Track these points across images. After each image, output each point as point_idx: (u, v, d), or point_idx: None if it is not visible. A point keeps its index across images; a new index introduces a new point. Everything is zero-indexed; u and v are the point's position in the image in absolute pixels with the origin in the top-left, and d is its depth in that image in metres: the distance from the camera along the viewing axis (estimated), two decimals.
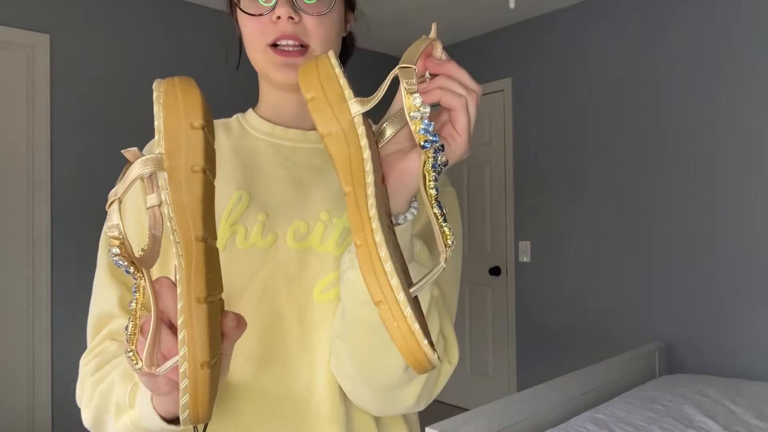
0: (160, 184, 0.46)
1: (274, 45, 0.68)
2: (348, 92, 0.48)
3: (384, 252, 0.42)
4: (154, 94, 0.47)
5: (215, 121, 0.76)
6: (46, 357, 2.67)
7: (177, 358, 0.44)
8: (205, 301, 0.43)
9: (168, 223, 0.45)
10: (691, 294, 2.76)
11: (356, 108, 0.47)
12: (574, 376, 2.30)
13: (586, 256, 3.17)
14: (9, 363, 2.61)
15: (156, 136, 0.46)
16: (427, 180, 0.47)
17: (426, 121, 0.46)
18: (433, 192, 0.47)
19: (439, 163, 0.47)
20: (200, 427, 0.57)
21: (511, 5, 1.67)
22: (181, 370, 0.42)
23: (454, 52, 3.89)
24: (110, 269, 0.70)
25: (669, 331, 2.84)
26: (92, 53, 2.84)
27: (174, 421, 0.55)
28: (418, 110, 0.46)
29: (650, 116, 2.92)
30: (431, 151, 0.47)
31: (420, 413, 0.78)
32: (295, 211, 0.69)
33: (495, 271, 3.62)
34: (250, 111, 0.79)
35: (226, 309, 0.49)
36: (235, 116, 0.80)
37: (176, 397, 0.50)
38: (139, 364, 0.45)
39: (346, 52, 0.82)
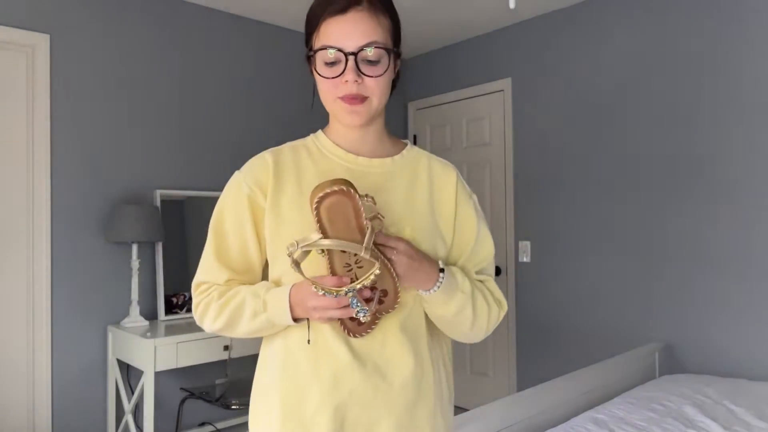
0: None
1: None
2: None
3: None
4: None
5: (295, 143, 0.99)
6: (46, 357, 2.67)
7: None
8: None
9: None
10: (691, 294, 2.76)
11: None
12: (574, 376, 2.30)
13: (586, 256, 3.17)
14: (9, 363, 2.61)
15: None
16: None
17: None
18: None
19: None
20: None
21: (511, 5, 1.67)
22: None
23: (454, 52, 3.89)
24: (216, 255, 0.94)
25: (669, 331, 2.84)
26: (92, 53, 2.84)
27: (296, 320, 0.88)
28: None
29: (650, 116, 2.92)
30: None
31: None
32: None
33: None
34: (321, 134, 0.99)
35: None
36: (310, 137, 0.99)
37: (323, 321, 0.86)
38: (368, 311, 0.81)
39: (394, 83, 1.00)
